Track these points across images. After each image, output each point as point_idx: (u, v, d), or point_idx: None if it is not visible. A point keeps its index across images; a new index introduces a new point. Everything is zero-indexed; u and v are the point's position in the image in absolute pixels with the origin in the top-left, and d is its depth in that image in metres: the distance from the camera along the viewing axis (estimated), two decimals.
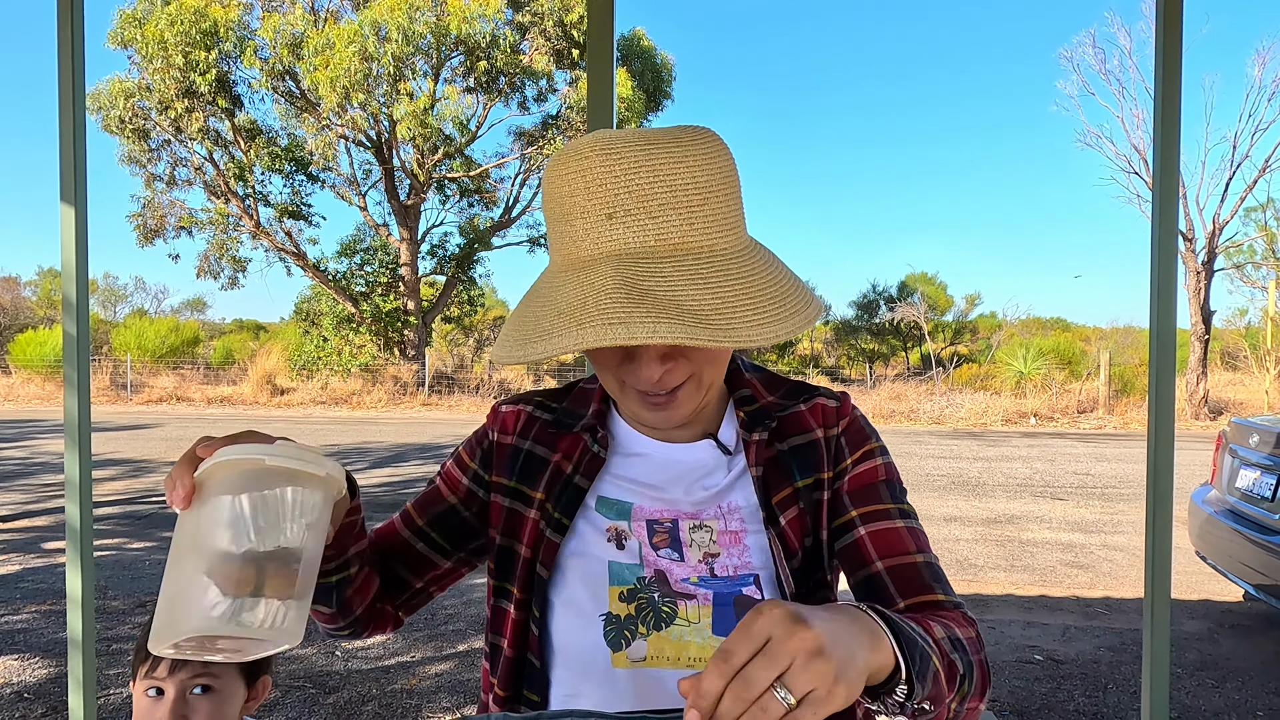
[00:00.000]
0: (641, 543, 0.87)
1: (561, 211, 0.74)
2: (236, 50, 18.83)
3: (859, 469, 0.90)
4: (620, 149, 0.71)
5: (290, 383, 21.08)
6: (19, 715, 3.22)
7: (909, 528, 0.87)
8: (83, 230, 2.20)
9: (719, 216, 0.74)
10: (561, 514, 0.88)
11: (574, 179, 0.72)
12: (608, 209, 0.71)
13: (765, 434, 0.90)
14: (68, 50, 2.16)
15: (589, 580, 0.86)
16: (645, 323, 0.65)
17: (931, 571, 0.85)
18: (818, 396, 0.94)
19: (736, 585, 0.85)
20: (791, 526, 0.87)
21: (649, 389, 0.79)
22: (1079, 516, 7.53)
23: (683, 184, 0.71)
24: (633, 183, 0.71)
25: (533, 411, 0.96)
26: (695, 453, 0.91)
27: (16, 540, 6.16)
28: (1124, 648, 4.14)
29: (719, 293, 0.69)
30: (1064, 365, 19.82)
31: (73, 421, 2.14)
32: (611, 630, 0.84)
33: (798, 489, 0.89)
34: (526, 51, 19.67)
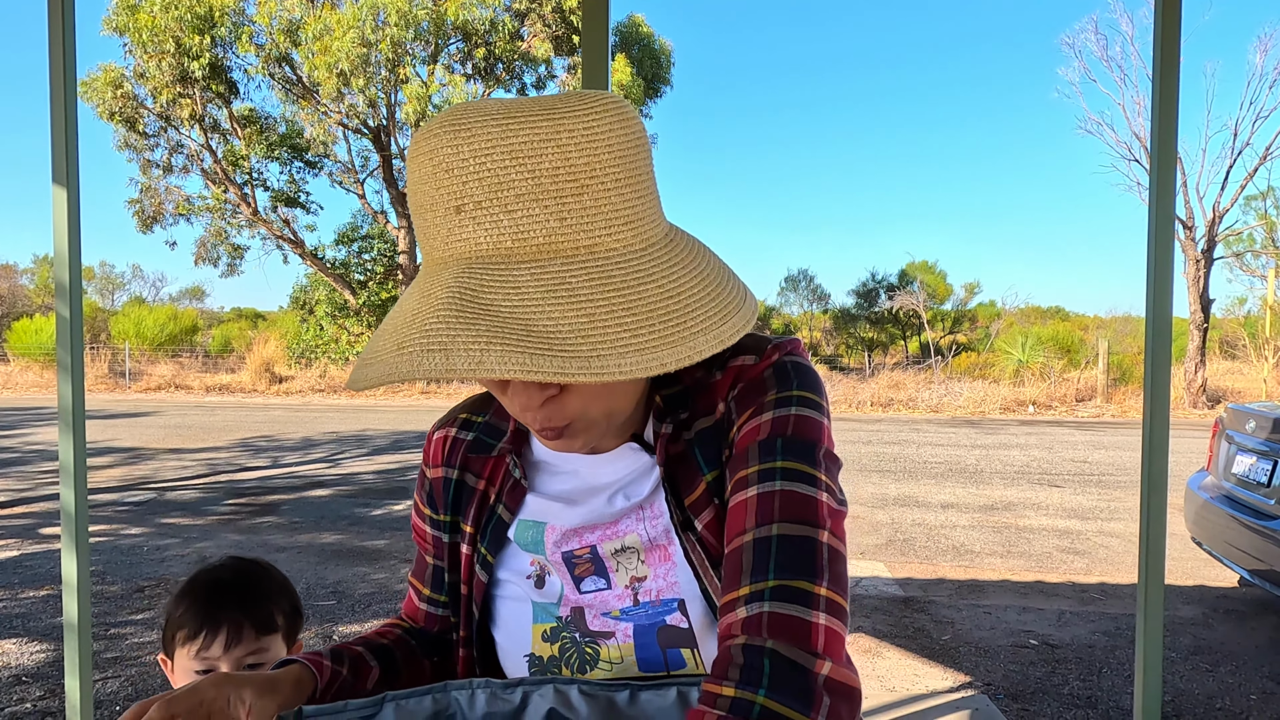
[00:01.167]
0: (562, 579, 0.78)
1: (416, 203, 0.61)
2: (232, 36, 18.72)
3: (741, 433, 0.70)
4: (473, 126, 0.57)
5: (289, 371, 21.08)
6: (17, 698, 3.23)
7: (762, 494, 0.66)
8: (75, 213, 2.19)
9: (604, 209, 0.58)
10: (487, 550, 0.81)
11: (423, 163, 0.59)
12: (456, 200, 0.57)
13: (671, 425, 0.74)
14: (58, 34, 2.14)
15: (513, 619, 0.81)
16: (472, 350, 0.52)
17: (756, 552, 0.63)
18: (737, 356, 0.74)
19: (659, 613, 0.74)
20: (710, 529, 0.71)
21: (529, 423, 0.67)
22: (1076, 503, 7.55)
23: (550, 169, 0.57)
24: (484, 168, 0.56)
25: (455, 434, 0.86)
26: (618, 459, 0.77)
27: (14, 526, 6.17)
28: (1119, 633, 4.16)
29: (589, 309, 0.55)
30: (1063, 354, 19.82)
31: (67, 406, 2.13)
32: (536, 672, 0.78)
33: (709, 483, 0.72)
34: (525, 38, 19.56)
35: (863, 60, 50.56)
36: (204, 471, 8.81)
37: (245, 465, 9.29)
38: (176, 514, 6.71)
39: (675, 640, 0.73)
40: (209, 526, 6.27)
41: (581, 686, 0.66)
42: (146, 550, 5.54)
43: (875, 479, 8.65)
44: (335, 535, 6.02)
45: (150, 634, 3.96)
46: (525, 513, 0.80)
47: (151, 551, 5.50)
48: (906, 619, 4.33)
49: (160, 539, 5.86)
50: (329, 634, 3.92)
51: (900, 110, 50.06)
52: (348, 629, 3.99)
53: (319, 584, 4.79)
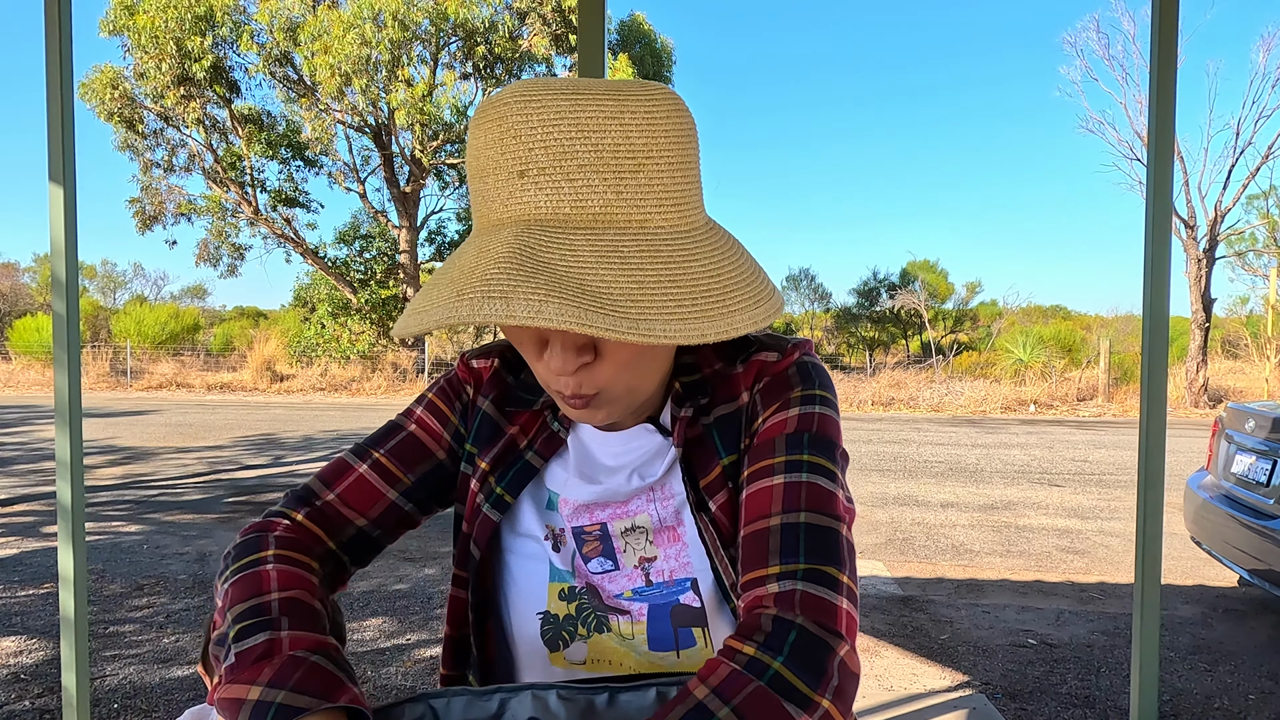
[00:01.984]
0: (573, 551, 0.79)
1: (477, 167, 0.64)
2: (233, 35, 18.73)
3: (766, 425, 0.74)
4: (543, 98, 0.61)
5: (290, 369, 21.10)
6: (15, 696, 3.23)
7: (788, 484, 0.69)
8: (71, 210, 2.19)
9: (657, 188, 0.62)
10: (506, 490, 0.79)
11: (490, 129, 0.62)
12: (520, 165, 0.61)
13: (691, 409, 0.77)
14: (55, 32, 2.14)
15: (528, 572, 0.79)
16: (531, 300, 0.55)
17: (784, 536, 0.66)
18: (760, 352, 0.78)
19: (673, 593, 0.76)
20: (723, 511, 0.74)
21: (561, 388, 0.68)
22: (1076, 503, 7.54)
23: (612, 144, 0.60)
24: (550, 136, 0.60)
25: (499, 368, 0.86)
26: (632, 439, 0.80)
27: (14, 525, 6.18)
28: (1118, 632, 4.15)
29: (639, 276, 0.59)
30: (1064, 353, 19.80)
31: (63, 401, 2.13)
32: (549, 630, 0.77)
33: (725, 467, 0.75)
34: (525, 37, 19.55)
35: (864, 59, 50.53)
36: (204, 470, 8.82)
37: (246, 464, 9.29)
38: (176, 512, 6.72)
39: (687, 619, 0.75)
40: (209, 525, 6.28)
41: (560, 691, 0.66)
42: (146, 548, 5.54)
43: (875, 478, 8.65)
44: None
45: (149, 631, 3.96)
46: (547, 480, 0.81)
47: (151, 550, 5.51)
48: (905, 618, 4.32)
49: (160, 537, 5.86)
50: None
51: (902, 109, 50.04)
52: (350, 625, 3.99)
53: None
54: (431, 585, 4.71)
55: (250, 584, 0.70)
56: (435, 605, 4.37)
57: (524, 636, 0.79)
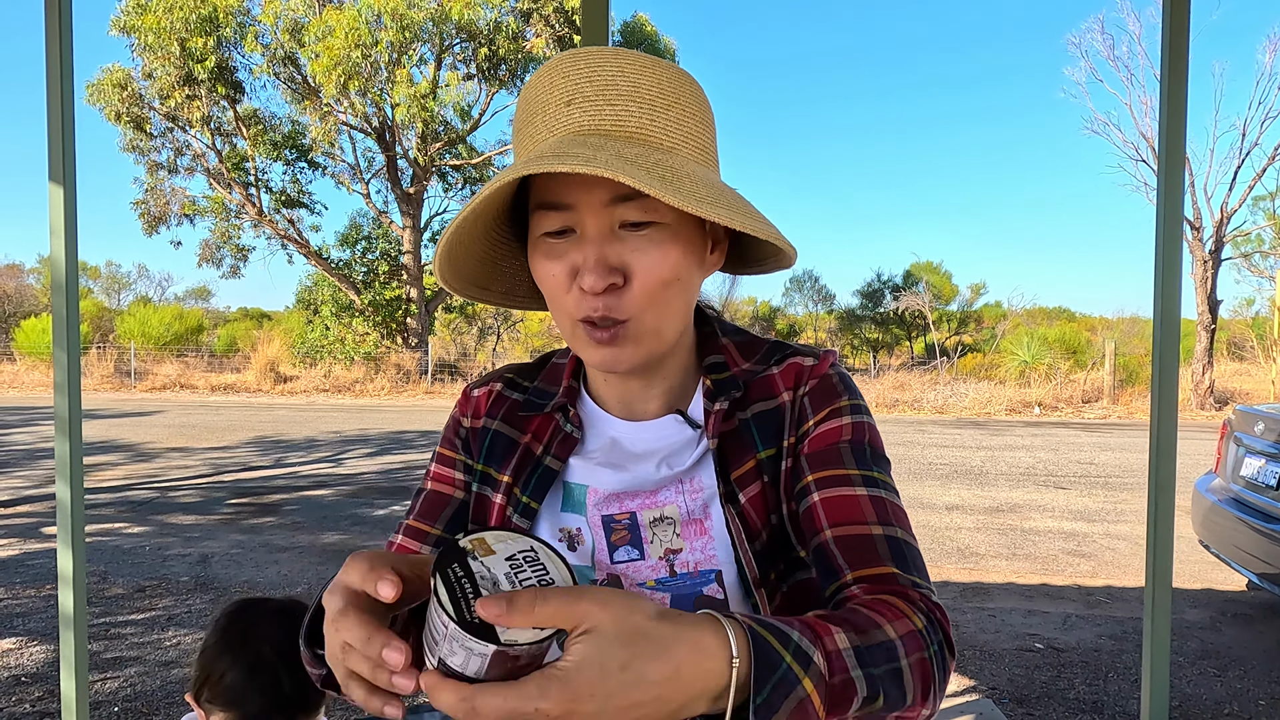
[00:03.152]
0: (596, 543, 0.80)
1: (527, 113, 0.72)
2: (237, 36, 18.76)
3: (821, 429, 0.79)
4: (590, 52, 0.71)
5: (293, 370, 21.11)
6: (16, 699, 3.22)
7: (872, 496, 0.75)
8: (71, 210, 2.17)
9: (684, 129, 0.72)
10: (530, 497, 0.81)
11: (541, 78, 0.72)
12: (567, 96, 0.70)
13: (726, 403, 0.80)
14: (55, 32, 2.12)
15: None
16: (582, 157, 0.63)
17: (891, 546, 0.72)
18: (794, 356, 0.83)
19: (697, 584, 0.77)
20: (753, 504, 0.77)
21: (591, 313, 0.71)
22: (1082, 505, 7.50)
23: (649, 85, 0.70)
24: (595, 75, 0.70)
25: (502, 390, 0.89)
26: (661, 429, 0.82)
27: (16, 526, 6.17)
28: (1125, 636, 4.12)
29: (672, 174, 0.66)
30: (1069, 355, 19.74)
31: (63, 402, 2.11)
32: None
33: (760, 460, 0.79)
34: (529, 38, 19.55)
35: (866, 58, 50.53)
36: (207, 471, 8.81)
37: (249, 465, 9.29)
38: (179, 513, 6.71)
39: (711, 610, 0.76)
40: (211, 526, 6.27)
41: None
42: (148, 550, 5.53)
43: None
44: (337, 535, 6.01)
45: (151, 634, 3.94)
46: (569, 475, 0.82)
47: (153, 551, 5.50)
48: None
49: (162, 538, 5.85)
50: None
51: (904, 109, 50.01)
52: None
53: (319, 584, 4.77)
54: None
55: None
56: None
57: None
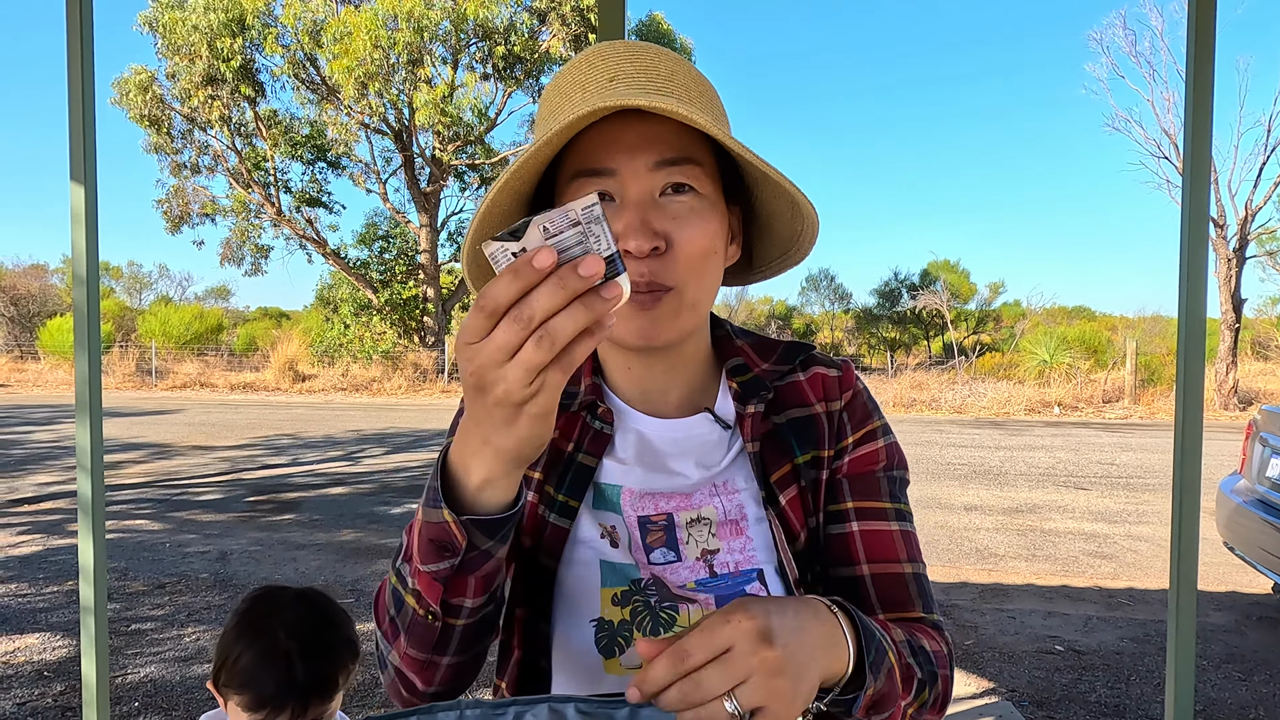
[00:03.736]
0: (634, 541, 0.79)
1: (562, 92, 0.74)
2: (260, 38, 18.93)
3: (860, 451, 0.83)
4: (628, 43, 0.75)
5: (312, 369, 21.26)
6: (39, 693, 3.26)
7: (903, 532, 0.82)
8: (92, 209, 2.19)
9: (714, 110, 0.76)
10: (567, 496, 0.80)
11: (579, 63, 0.74)
12: (610, 74, 0.72)
13: (761, 405, 0.82)
14: (76, 30, 2.14)
15: (582, 579, 0.79)
16: (631, 92, 0.67)
17: (918, 584, 0.80)
18: (816, 365, 0.86)
19: (739, 584, 0.78)
20: (792, 506, 0.79)
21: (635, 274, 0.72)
22: (1103, 506, 7.41)
23: (682, 73, 0.74)
24: (635, 59, 0.73)
25: None
26: (692, 428, 0.82)
27: (41, 522, 6.25)
28: (1148, 639, 4.06)
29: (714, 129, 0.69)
30: (1089, 354, 19.53)
31: (84, 396, 2.13)
32: (603, 637, 0.77)
33: (797, 465, 0.81)
34: (545, 38, 19.59)
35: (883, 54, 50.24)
36: (226, 469, 8.89)
37: (267, 463, 9.36)
38: (198, 511, 6.77)
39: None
40: (230, 524, 6.32)
41: (579, 705, 0.63)
42: (168, 547, 5.58)
43: None
44: (354, 533, 6.04)
45: (170, 630, 3.98)
46: (599, 475, 0.81)
47: (173, 548, 5.55)
48: None
49: (182, 535, 5.91)
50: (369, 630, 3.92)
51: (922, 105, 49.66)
52: (365, 627, 3.99)
53: (337, 582, 4.80)
54: None
55: None
56: None
57: (577, 646, 0.77)
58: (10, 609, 4.25)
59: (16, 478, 8.15)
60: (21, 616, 4.13)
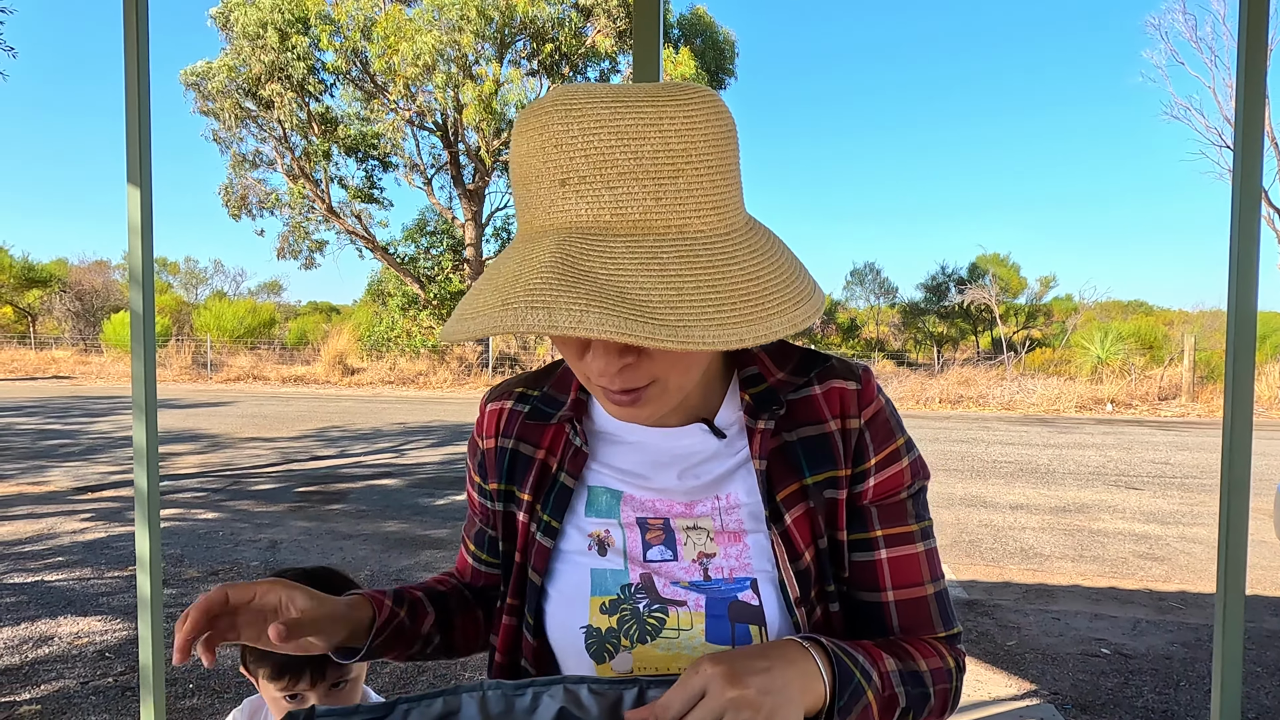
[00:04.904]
0: (630, 544, 0.80)
1: (520, 175, 0.65)
2: (316, 35, 19.36)
3: (885, 474, 0.81)
4: (583, 106, 0.61)
5: (360, 363, 21.70)
6: (100, 672, 3.40)
7: (927, 551, 0.82)
8: (148, 211, 2.28)
9: (696, 192, 0.63)
10: (551, 516, 0.82)
11: (532, 138, 0.63)
12: (561, 174, 0.62)
13: (772, 422, 0.79)
14: (133, 35, 2.22)
15: (571, 589, 0.81)
16: (573, 310, 0.56)
17: (938, 603, 0.82)
18: (833, 378, 0.82)
19: (732, 590, 0.78)
20: (798, 525, 0.78)
21: (606, 384, 0.69)
22: (1155, 507, 7.21)
23: (651, 151, 0.61)
24: (591, 145, 0.61)
25: (512, 406, 0.89)
26: (686, 438, 0.81)
27: (102, 509, 6.51)
28: (1200, 644, 3.96)
29: (677, 283, 0.59)
30: (1145, 350, 18.98)
31: (140, 394, 2.22)
32: (593, 644, 0.79)
33: (806, 485, 0.78)
34: (590, 34, 19.64)
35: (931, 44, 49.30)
36: (277, 460, 9.13)
37: (316, 454, 9.59)
38: (250, 500, 6.98)
39: (745, 615, 0.77)
40: (280, 513, 6.50)
41: (591, 685, 0.66)
42: (222, 535, 5.77)
43: (942, 478, 8.43)
44: (399, 524, 6.17)
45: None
46: (598, 480, 0.83)
47: (226, 537, 5.73)
48: (970, 622, 4.20)
49: (235, 524, 6.10)
50: None
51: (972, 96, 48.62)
52: None
53: (382, 572, 4.91)
54: None
55: None
56: None
57: (569, 652, 0.81)
58: (75, 592, 4.44)
59: (81, 466, 8.49)
60: (85, 600, 4.31)
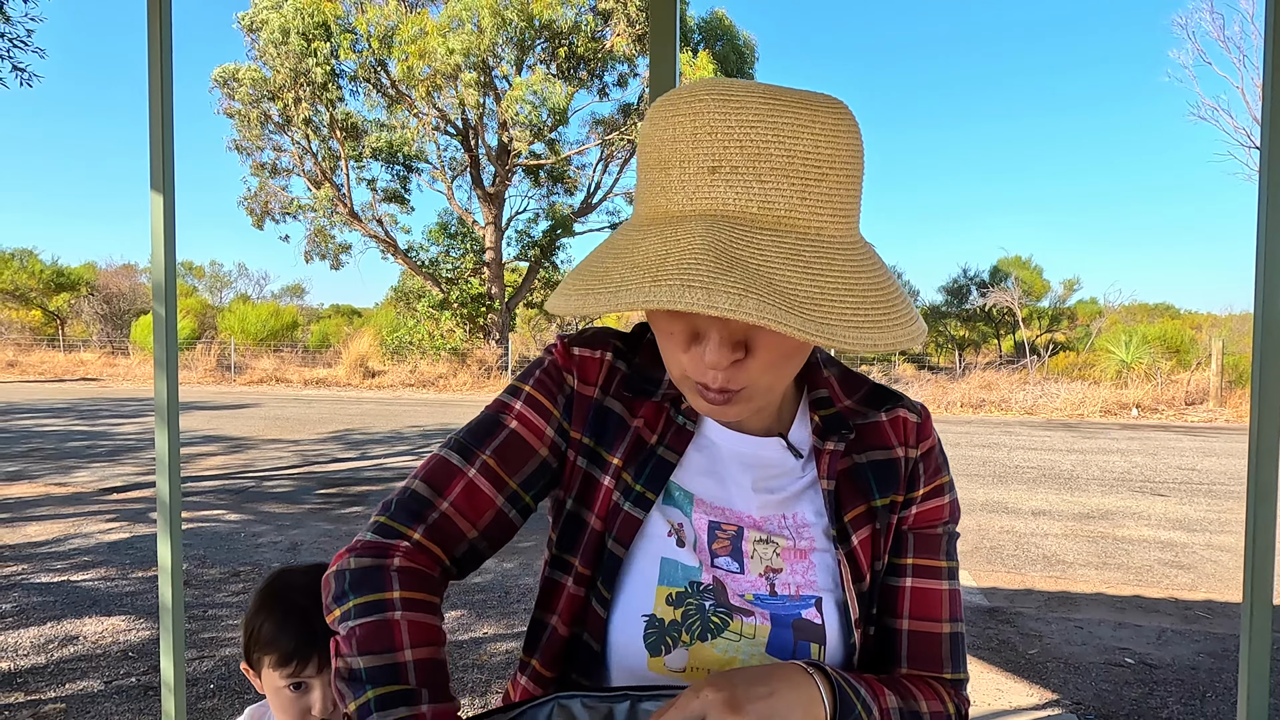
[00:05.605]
0: (700, 543, 0.79)
1: (659, 158, 0.65)
2: (337, 43, 19.58)
3: (928, 505, 0.84)
4: (742, 99, 0.63)
5: (381, 365, 21.87)
6: (124, 672, 3.45)
7: (951, 591, 0.83)
8: (170, 218, 2.31)
9: (835, 198, 0.64)
10: (645, 487, 0.78)
11: (682, 123, 0.64)
12: (713, 161, 0.62)
13: (842, 444, 0.81)
14: (156, 44, 2.25)
15: (640, 573, 0.78)
16: (732, 294, 0.57)
17: (952, 644, 0.82)
18: (900, 408, 0.85)
19: (797, 607, 0.78)
20: (863, 547, 0.80)
21: (708, 381, 0.69)
22: (1182, 514, 7.10)
23: (803, 151, 0.62)
24: (748, 137, 0.62)
25: (613, 361, 0.83)
26: (763, 450, 0.82)
27: (127, 510, 6.60)
28: (1227, 655, 3.89)
29: (820, 282, 0.61)
30: (1171, 354, 18.72)
31: (162, 401, 2.25)
32: (652, 634, 0.77)
33: (874, 508, 0.81)
34: (608, 38, 19.69)
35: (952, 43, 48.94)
36: (298, 462, 9.22)
37: (337, 456, 9.67)
38: (271, 502, 7.05)
39: (808, 634, 0.78)
40: (301, 515, 6.56)
41: (584, 699, 0.66)
42: (243, 536, 5.83)
43: (963, 483, 8.35)
44: None
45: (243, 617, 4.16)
46: (677, 473, 0.80)
47: (248, 538, 5.79)
48: (991, 630, 4.16)
49: (256, 525, 6.16)
50: None
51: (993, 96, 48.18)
52: None
53: None
54: (510, 579, 4.79)
55: (380, 636, 0.70)
56: (513, 599, 4.44)
57: (624, 638, 0.77)
58: (100, 592, 4.50)
59: (106, 467, 8.62)
60: (109, 600, 4.37)
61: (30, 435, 11.12)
